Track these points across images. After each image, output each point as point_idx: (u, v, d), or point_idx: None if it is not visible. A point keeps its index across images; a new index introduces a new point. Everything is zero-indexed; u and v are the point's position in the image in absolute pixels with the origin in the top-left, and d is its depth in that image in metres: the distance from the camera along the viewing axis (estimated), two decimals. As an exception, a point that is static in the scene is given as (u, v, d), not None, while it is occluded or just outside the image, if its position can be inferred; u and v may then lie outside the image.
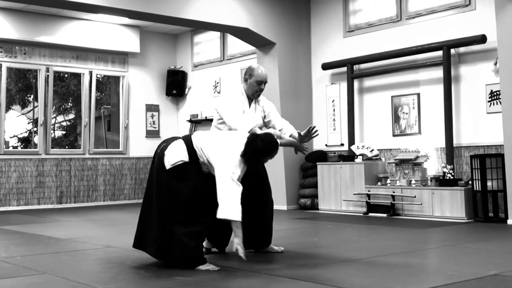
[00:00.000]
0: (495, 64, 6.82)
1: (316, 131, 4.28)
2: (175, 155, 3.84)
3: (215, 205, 3.81)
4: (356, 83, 8.46)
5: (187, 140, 3.92)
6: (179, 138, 4.00)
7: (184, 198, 3.81)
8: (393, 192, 7.26)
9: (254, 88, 4.38)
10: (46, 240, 5.52)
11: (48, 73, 9.85)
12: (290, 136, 4.39)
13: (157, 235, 3.88)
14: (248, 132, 4.08)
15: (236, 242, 3.79)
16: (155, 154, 4.01)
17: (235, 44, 10.11)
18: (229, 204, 3.72)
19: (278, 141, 4.08)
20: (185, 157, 3.84)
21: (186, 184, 3.82)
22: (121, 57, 10.68)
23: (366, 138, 8.32)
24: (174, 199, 3.82)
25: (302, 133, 4.28)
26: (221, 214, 3.74)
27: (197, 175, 3.90)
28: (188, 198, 3.82)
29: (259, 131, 4.14)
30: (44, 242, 5.35)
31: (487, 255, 4.39)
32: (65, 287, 3.38)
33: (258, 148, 3.82)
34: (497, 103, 6.87)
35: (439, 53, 7.33)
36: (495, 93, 6.91)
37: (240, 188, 3.78)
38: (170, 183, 3.83)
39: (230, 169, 3.76)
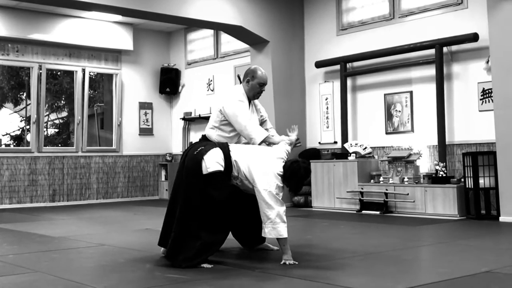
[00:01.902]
0: (487, 62, 6.85)
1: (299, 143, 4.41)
2: (215, 163, 3.87)
3: (239, 213, 4.03)
4: (349, 81, 8.48)
5: (225, 151, 3.96)
6: (215, 144, 4.03)
7: (218, 206, 3.87)
8: (386, 189, 7.29)
9: (256, 90, 4.39)
10: (39, 238, 5.51)
11: (40, 71, 9.82)
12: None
13: (176, 235, 3.89)
14: (263, 141, 4.16)
15: (285, 259, 3.88)
16: (186, 154, 4.01)
17: (229, 42, 10.11)
18: (277, 223, 3.84)
19: (290, 148, 4.20)
20: (222, 166, 3.89)
21: (221, 192, 3.88)
22: (114, 55, 10.66)
23: (359, 136, 8.34)
24: (208, 205, 3.86)
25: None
26: (270, 233, 3.85)
27: (230, 185, 3.99)
28: (222, 205, 3.89)
29: (273, 139, 4.23)
30: (37, 241, 5.34)
31: (479, 252, 4.41)
32: (57, 286, 3.38)
33: (300, 173, 3.90)
34: (489, 101, 6.90)
35: (432, 51, 7.35)
36: (487, 91, 6.95)
37: (284, 207, 3.90)
38: (205, 188, 3.86)
39: (274, 189, 3.86)
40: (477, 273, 3.51)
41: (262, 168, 3.90)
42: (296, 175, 3.90)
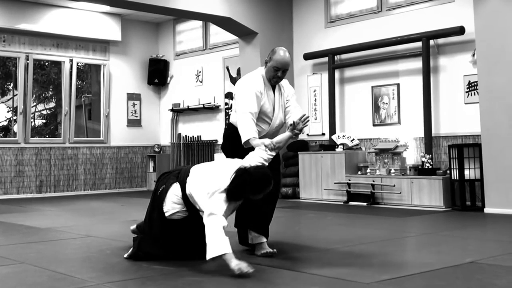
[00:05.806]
0: (473, 55, 6.90)
1: (307, 119, 3.92)
2: (172, 205, 3.73)
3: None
4: (337, 73, 8.50)
5: (183, 185, 3.72)
6: (175, 177, 3.78)
7: (176, 235, 3.81)
8: (373, 181, 7.34)
9: (271, 73, 3.95)
10: (25, 229, 5.50)
11: (28, 61, 9.74)
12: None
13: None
14: (244, 143, 3.79)
15: (236, 264, 3.32)
16: (157, 186, 3.90)
17: (218, 34, 10.08)
18: (215, 242, 3.38)
19: (274, 153, 3.78)
20: (179, 205, 3.72)
21: (179, 228, 3.78)
22: (102, 45, 10.59)
23: (347, 127, 8.38)
24: (165, 232, 3.80)
25: (295, 121, 3.90)
26: (210, 254, 3.38)
27: (189, 220, 3.79)
28: (180, 236, 3.82)
29: (254, 141, 3.77)
30: (23, 232, 5.33)
31: (464, 243, 4.46)
32: (43, 277, 3.37)
33: (245, 183, 3.44)
34: (474, 94, 6.96)
35: (418, 44, 7.39)
36: (472, 84, 7.00)
37: (222, 220, 3.41)
38: (166, 224, 3.78)
39: (213, 209, 3.45)
40: (461, 264, 3.56)
41: (205, 191, 3.54)
42: (235, 181, 3.46)
